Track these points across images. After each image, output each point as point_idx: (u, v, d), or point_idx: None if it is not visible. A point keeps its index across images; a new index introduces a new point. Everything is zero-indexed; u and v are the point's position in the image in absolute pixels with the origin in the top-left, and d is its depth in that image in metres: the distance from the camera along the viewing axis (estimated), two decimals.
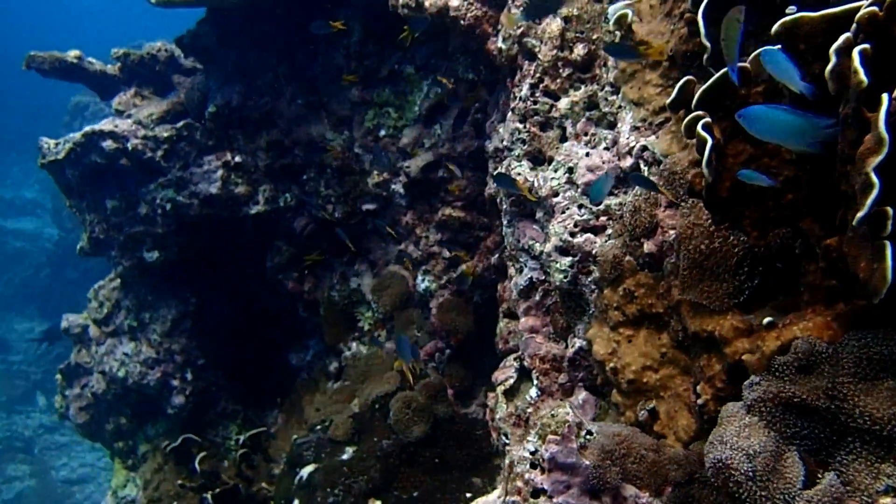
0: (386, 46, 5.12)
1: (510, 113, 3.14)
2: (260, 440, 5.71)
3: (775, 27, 1.77)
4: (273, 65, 5.35)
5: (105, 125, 4.97)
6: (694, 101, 2.07)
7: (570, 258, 2.82)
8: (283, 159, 5.56)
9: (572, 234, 2.81)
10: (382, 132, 5.27)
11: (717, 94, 2.01)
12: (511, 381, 3.26)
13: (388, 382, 4.94)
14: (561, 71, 2.99)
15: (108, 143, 4.96)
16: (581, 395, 2.96)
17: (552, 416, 2.33)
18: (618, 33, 2.79)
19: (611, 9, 2.93)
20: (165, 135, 5.08)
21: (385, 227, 5.17)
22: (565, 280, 2.83)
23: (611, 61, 2.86)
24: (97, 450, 11.20)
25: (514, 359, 3.34)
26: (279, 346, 7.03)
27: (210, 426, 6.48)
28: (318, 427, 5.00)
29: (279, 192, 5.62)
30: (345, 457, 4.62)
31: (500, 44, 3.51)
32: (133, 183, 5.29)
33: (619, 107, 2.79)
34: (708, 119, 1.97)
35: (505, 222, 3.27)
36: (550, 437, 2.26)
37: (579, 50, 2.94)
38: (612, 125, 2.84)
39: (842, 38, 1.60)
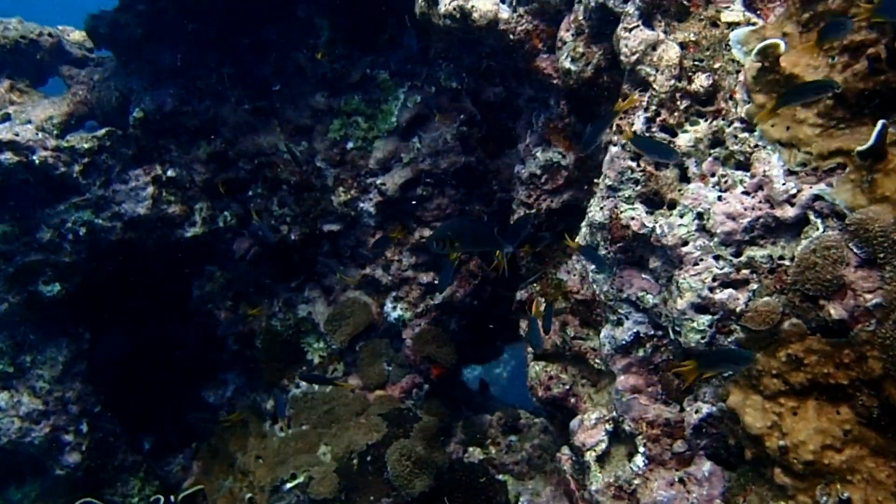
0: (356, 48, 4.49)
1: (616, 149, 2.76)
2: (196, 501, 4.85)
3: None
4: (215, 64, 4.49)
5: (0, 133, 3.86)
6: None
7: (709, 316, 2.53)
8: (224, 173, 4.72)
9: (711, 290, 2.51)
10: (350, 144, 4.63)
11: None
12: (603, 445, 2.91)
13: (375, 429, 4.36)
14: (679, 103, 2.67)
15: (8, 157, 3.86)
16: (705, 465, 2.68)
17: None
18: (755, 65, 2.51)
19: (733, 35, 2.66)
20: (86, 146, 4.05)
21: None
22: (702, 341, 2.53)
23: (739, 94, 2.59)
24: None
25: (602, 419, 2.98)
26: (189, 382, 6.09)
27: (108, 484, 5.45)
28: (290, 485, 4.30)
29: (217, 210, 4.77)
30: None
31: (567, 64, 3.11)
32: (30, 203, 4.20)
33: (756, 146, 2.53)
34: None
35: (595, 266, 2.89)
36: None
37: (701, 80, 2.63)
38: (741, 165, 2.58)
39: None
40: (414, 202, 4.62)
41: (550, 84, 3.34)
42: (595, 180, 3.04)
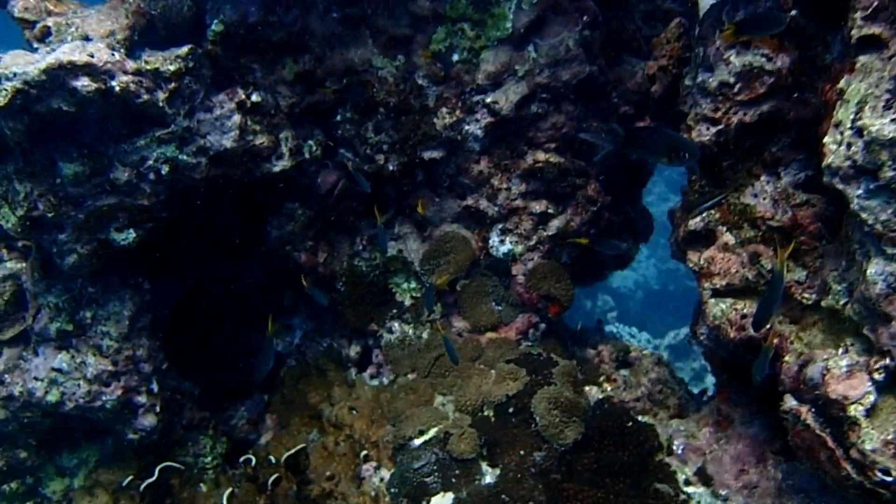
0: None
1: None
2: (298, 462, 4.44)
3: None
4: None
5: (75, 55, 3.16)
6: None
7: None
8: (311, 96, 4.10)
9: None
10: (455, 57, 4.04)
11: None
12: (871, 397, 2.54)
13: (509, 377, 3.96)
14: None
15: (85, 83, 3.19)
16: None
17: None
18: None
19: None
20: (172, 68, 3.39)
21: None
22: None
23: None
24: None
25: (859, 367, 2.59)
26: (249, 329, 5.61)
27: (178, 444, 4.99)
28: (418, 441, 3.91)
29: (301, 139, 4.17)
30: (489, 479, 3.65)
31: None
32: (103, 138, 3.56)
33: None
34: None
35: (863, 190, 2.43)
36: None
37: None
38: None
39: None
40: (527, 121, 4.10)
41: None
42: (839, 87, 2.57)
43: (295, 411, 5.27)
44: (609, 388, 4.52)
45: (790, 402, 2.82)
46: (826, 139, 2.56)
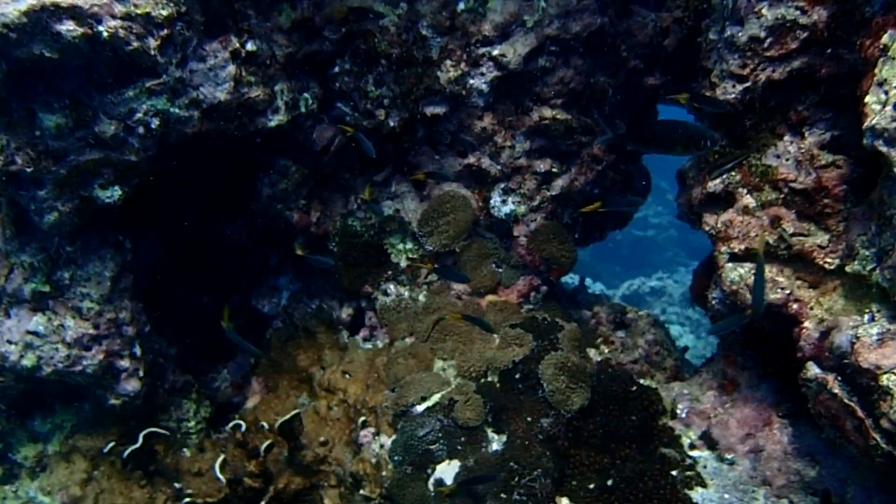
0: None
1: None
2: (293, 427, 4.32)
3: None
4: None
5: None
6: None
7: None
8: (308, 45, 3.86)
9: None
10: (461, 5, 3.83)
11: None
12: None
13: (515, 342, 3.87)
14: None
15: (70, 27, 2.91)
16: None
17: None
18: None
19: None
20: (164, 13, 3.11)
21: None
22: None
23: None
24: None
25: (892, 335, 2.56)
26: (234, 290, 5.41)
27: (161, 409, 4.84)
28: (421, 407, 3.81)
29: (297, 92, 3.94)
30: (496, 446, 3.57)
31: None
32: (88, 88, 3.30)
33: None
34: None
35: None
36: None
37: None
38: None
39: None
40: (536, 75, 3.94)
41: None
42: (881, 42, 2.46)
43: (283, 374, 5.14)
44: (607, 351, 4.49)
45: (814, 369, 2.78)
46: (868, 98, 2.47)
